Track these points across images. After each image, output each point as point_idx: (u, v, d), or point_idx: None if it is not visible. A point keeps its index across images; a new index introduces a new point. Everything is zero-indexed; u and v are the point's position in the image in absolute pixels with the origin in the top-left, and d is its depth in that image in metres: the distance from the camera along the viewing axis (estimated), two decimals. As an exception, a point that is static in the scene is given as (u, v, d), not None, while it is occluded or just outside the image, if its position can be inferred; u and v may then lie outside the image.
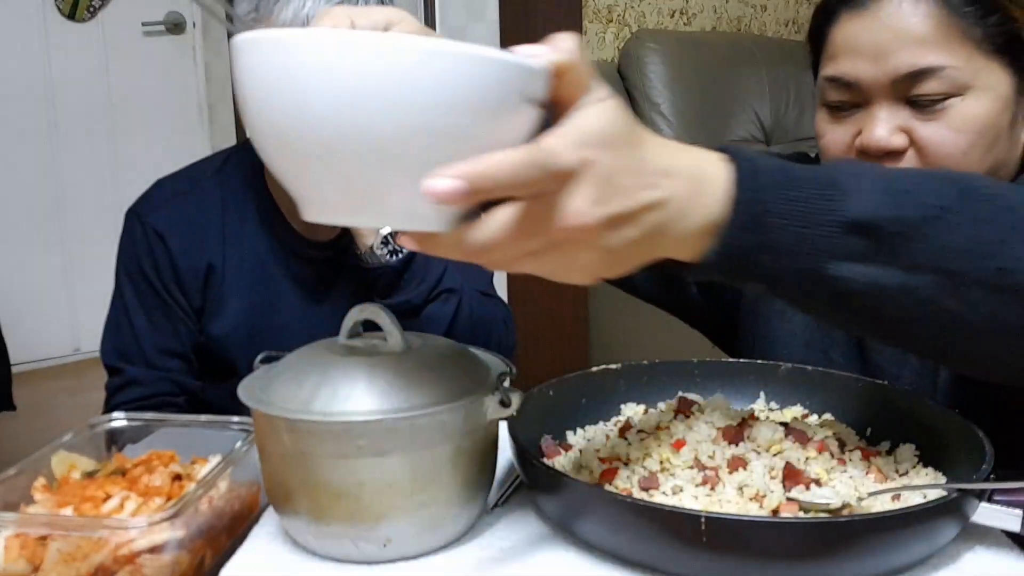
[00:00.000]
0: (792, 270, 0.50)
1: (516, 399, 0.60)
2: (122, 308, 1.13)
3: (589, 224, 0.45)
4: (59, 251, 3.13)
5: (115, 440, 0.74)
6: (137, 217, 1.12)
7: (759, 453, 0.65)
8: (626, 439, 0.69)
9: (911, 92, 0.74)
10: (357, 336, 0.65)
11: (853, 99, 0.78)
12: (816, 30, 0.82)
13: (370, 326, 0.64)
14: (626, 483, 0.63)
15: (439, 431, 0.58)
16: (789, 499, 0.59)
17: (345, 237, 1.15)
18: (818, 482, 0.61)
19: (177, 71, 3.26)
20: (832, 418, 0.74)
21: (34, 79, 3.02)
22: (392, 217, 0.47)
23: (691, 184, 0.48)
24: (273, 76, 0.43)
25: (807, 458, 0.64)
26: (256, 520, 0.66)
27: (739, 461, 0.63)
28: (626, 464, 0.65)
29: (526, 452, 0.62)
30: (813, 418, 0.74)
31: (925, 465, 0.67)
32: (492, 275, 1.26)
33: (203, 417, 0.74)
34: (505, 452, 0.65)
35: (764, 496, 0.59)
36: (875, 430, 0.72)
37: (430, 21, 2.59)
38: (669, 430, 0.68)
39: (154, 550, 0.58)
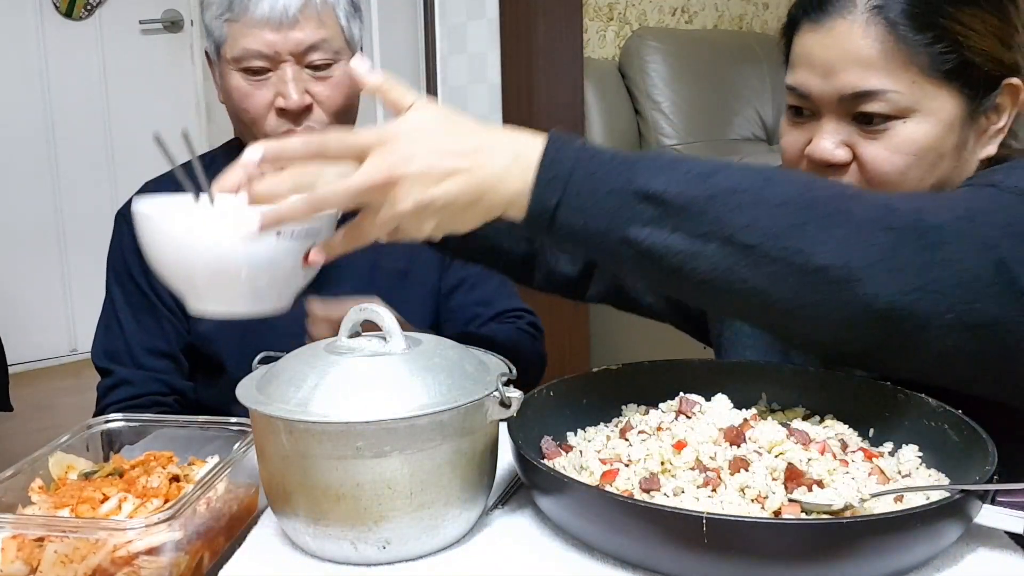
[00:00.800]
0: (597, 232, 0.61)
1: (516, 400, 0.60)
2: (111, 309, 1.13)
3: (394, 177, 0.60)
4: (56, 250, 3.13)
5: (112, 441, 0.73)
6: (124, 219, 1.12)
7: (761, 454, 0.64)
8: (627, 440, 0.69)
9: (856, 110, 0.76)
10: (356, 336, 0.64)
11: (808, 108, 0.80)
12: (784, 35, 0.85)
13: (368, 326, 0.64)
14: (627, 484, 0.63)
15: (438, 432, 0.58)
16: (791, 500, 0.59)
17: None
18: (820, 483, 0.61)
19: (175, 69, 3.25)
20: (834, 419, 0.73)
21: (30, 77, 3.01)
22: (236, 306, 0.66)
23: (505, 158, 0.62)
24: (142, 236, 0.66)
25: (809, 459, 0.64)
26: (255, 522, 0.66)
27: (741, 462, 0.63)
28: (627, 465, 0.65)
29: (526, 453, 0.61)
30: (815, 419, 0.74)
31: (928, 466, 0.66)
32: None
33: (201, 418, 0.74)
34: (505, 453, 0.65)
35: (766, 497, 0.59)
36: (878, 431, 0.71)
37: (430, 19, 2.58)
38: (670, 431, 0.68)
39: (152, 551, 0.58)
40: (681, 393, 0.75)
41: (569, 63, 2.42)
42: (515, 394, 0.60)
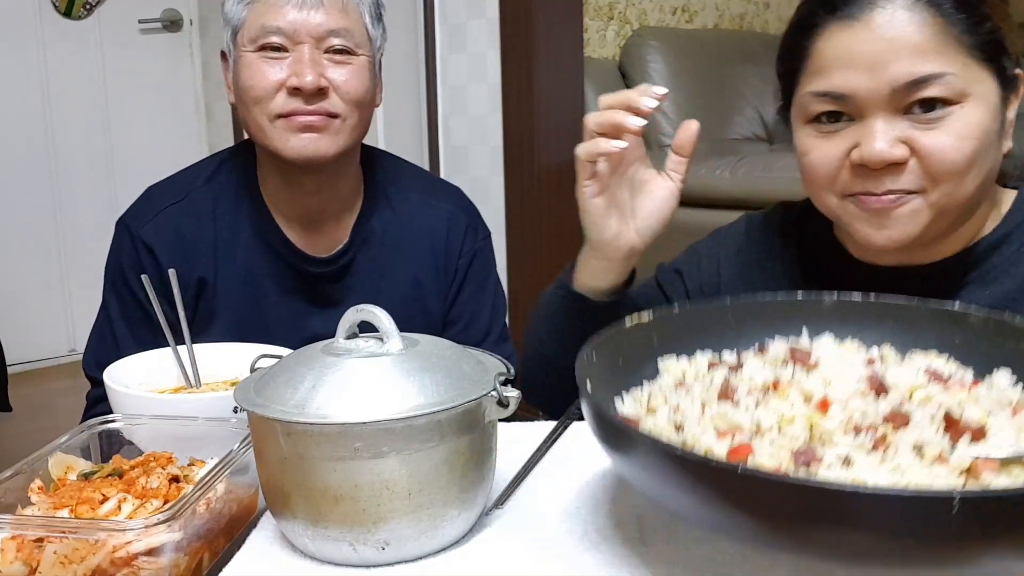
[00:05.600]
0: None
1: (513, 400, 0.60)
2: (106, 319, 1.12)
3: None
4: (55, 250, 3.13)
5: (112, 442, 0.73)
6: (126, 228, 1.11)
7: (911, 403, 0.55)
8: (733, 402, 0.57)
9: (910, 100, 0.74)
10: (354, 337, 0.64)
11: (846, 112, 0.77)
12: (794, 46, 0.81)
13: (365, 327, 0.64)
14: (771, 460, 0.51)
15: (436, 432, 0.58)
16: (982, 459, 0.50)
17: (348, 254, 1.14)
18: (983, 431, 0.52)
19: (174, 69, 3.25)
20: (928, 350, 0.64)
21: (30, 77, 3.01)
22: None
23: None
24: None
25: (959, 402, 0.54)
26: (254, 523, 0.66)
27: (900, 417, 0.53)
28: (757, 434, 0.54)
29: (645, 435, 0.50)
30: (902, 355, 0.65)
31: None
32: (505, 316, 1.26)
33: (201, 418, 0.74)
34: (504, 453, 0.65)
35: (946, 458, 0.50)
36: (971, 362, 0.62)
37: (430, 19, 2.58)
38: (797, 386, 0.57)
39: (151, 552, 0.58)
40: (777, 337, 0.64)
41: (569, 63, 2.42)
42: (513, 393, 0.60)
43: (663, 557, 0.59)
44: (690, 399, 0.59)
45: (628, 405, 0.61)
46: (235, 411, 0.73)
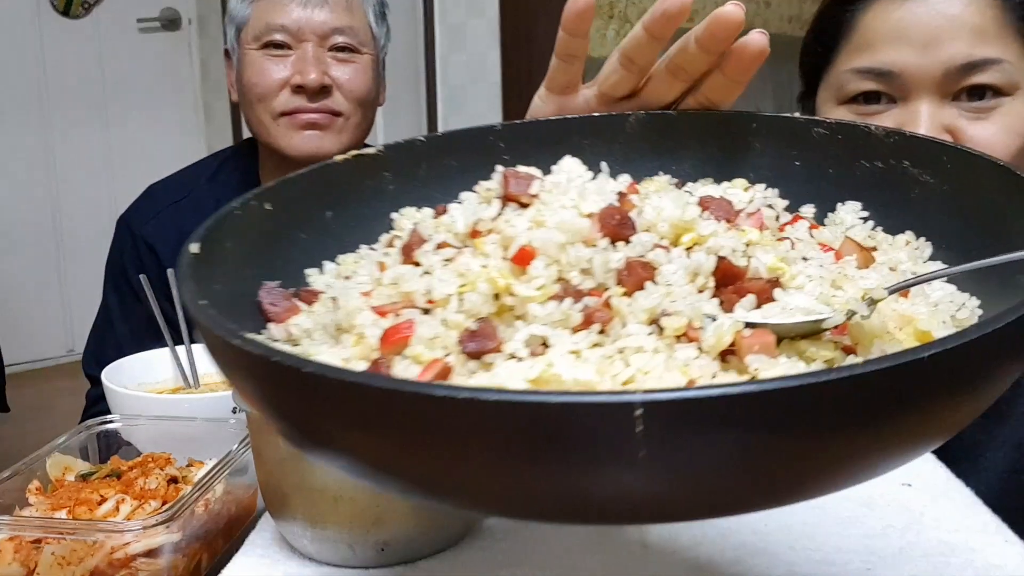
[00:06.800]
0: None
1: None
2: (106, 318, 1.12)
3: None
4: (53, 250, 3.13)
5: (111, 442, 0.73)
6: (127, 227, 1.11)
7: (668, 249, 0.37)
8: (416, 263, 0.39)
9: (961, 86, 0.69)
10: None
11: (889, 91, 0.72)
12: (833, 20, 0.76)
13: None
14: (432, 347, 0.34)
15: (438, 434, 0.57)
16: (751, 325, 0.33)
17: None
18: (777, 283, 0.36)
19: (173, 68, 3.25)
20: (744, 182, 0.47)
21: (28, 76, 3.01)
22: None
23: None
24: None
25: (747, 244, 0.38)
26: (253, 524, 0.65)
27: (640, 270, 0.35)
28: (426, 312, 0.36)
29: (208, 321, 0.31)
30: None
31: (890, 231, 0.43)
32: None
33: (199, 418, 0.73)
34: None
35: (700, 329, 0.33)
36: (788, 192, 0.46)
37: (430, 19, 2.58)
38: (497, 234, 0.39)
39: (150, 554, 0.57)
40: (498, 168, 0.44)
41: (568, 62, 2.42)
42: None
43: (663, 557, 0.59)
44: (370, 263, 0.42)
45: (324, 277, 0.43)
46: (234, 411, 0.73)
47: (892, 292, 0.35)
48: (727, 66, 0.47)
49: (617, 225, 0.37)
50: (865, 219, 0.43)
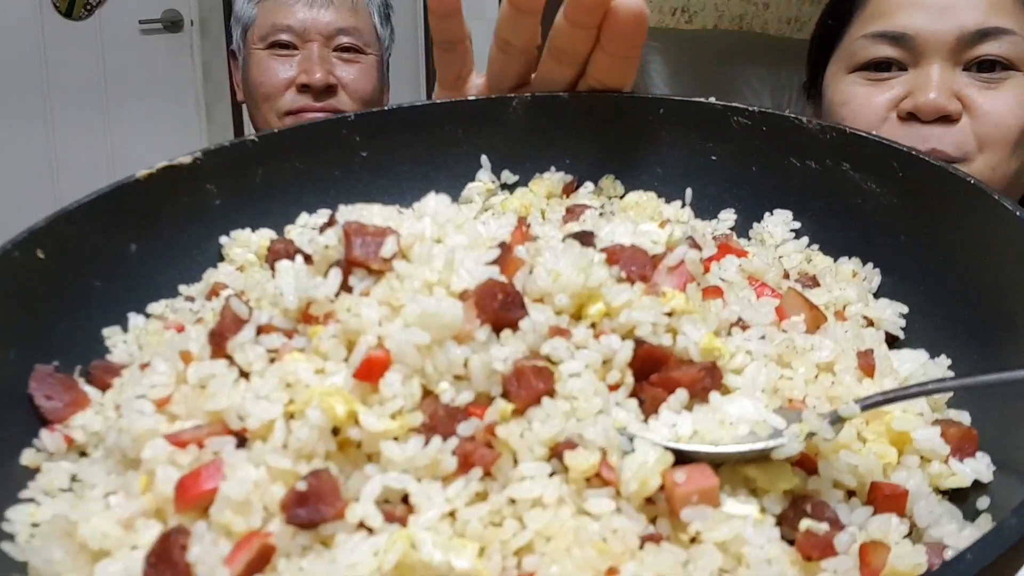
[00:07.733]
0: None
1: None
2: None
3: None
4: (58, 250, 3.13)
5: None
6: None
7: (567, 335, 0.29)
8: (231, 359, 0.30)
9: (972, 54, 0.70)
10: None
11: (901, 58, 0.73)
12: None
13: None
14: (249, 518, 0.25)
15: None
16: (681, 456, 0.26)
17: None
18: (714, 367, 0.29)
19: (175, 69, 3.25)
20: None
21: (31, 77, 3.01)
22: None
23: None
24: None
25: (670, 313, 0.29)
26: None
27: (532, 379, 0.26)
28: (242, 444, 0.27)
29: None
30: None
31: (823, 248, 0.35)
32: None
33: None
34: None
35: (616, 468, 0.26)
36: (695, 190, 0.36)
37: (428, 16, 2.58)
38: (335, 322, 0.29)
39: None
40: (340, 212, 0.34)
41: (569, 63, 2.42)
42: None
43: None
44: (172, 349, 0.30)
45: (127, 343, 0.33)
46: None
47: (865, 409, 0.28)
48: (605, 40, 0.40)
49: (500, 307, 0.27)
50: (797, 233, 0.36)
